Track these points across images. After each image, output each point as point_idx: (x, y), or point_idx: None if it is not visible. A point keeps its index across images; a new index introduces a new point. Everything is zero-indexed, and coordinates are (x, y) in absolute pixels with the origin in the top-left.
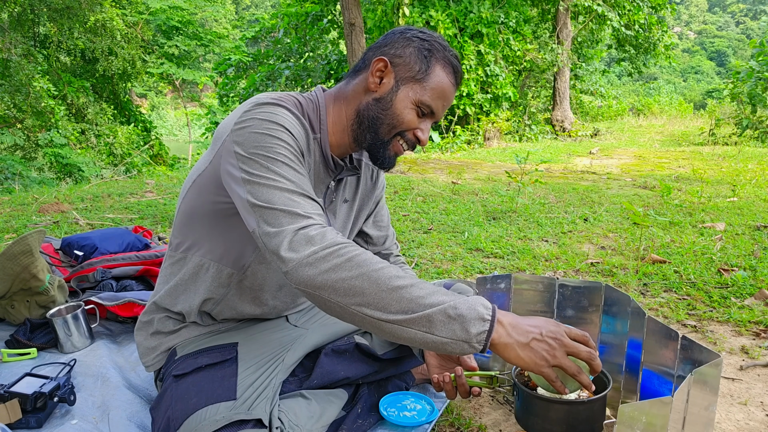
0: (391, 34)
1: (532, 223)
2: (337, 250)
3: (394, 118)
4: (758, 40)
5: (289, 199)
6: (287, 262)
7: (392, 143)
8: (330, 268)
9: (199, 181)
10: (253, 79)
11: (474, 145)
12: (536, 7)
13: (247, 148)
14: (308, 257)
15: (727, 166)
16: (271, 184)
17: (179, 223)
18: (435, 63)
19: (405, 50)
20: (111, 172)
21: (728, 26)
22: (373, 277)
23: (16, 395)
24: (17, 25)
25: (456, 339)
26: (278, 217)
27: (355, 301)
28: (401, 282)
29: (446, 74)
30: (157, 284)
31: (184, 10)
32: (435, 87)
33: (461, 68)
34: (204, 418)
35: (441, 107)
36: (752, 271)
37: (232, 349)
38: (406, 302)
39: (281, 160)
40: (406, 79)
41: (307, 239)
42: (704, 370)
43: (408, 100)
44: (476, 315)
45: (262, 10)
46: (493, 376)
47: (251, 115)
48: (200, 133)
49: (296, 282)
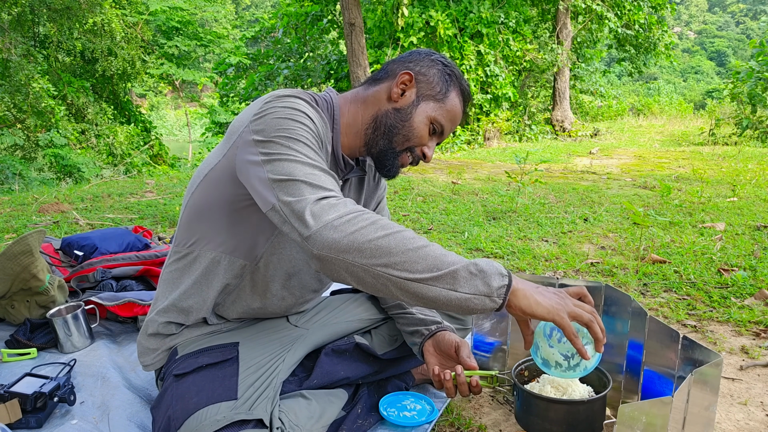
0: (417, 53)
1: (532, 223)
2: (361, 214)
3: (410, 130)
4: (758, 40)
5: (310, 173)
6: (310, 226)
7: (400, 156)
8: (356, 230)
9: (211, 175)
10: (252, 79)
11: (474, 145)
12: (536, 7)
13: (268, 133)
14: (333, 221)
15: (727, 166)
16: (291, 158)
17: (187, 219)
18: (453, 88)
19: (430, 70)
20: (111, 172)
21: (728, 26)
22: (398, 238)
23: (16, 395)
24: (17, 25)
25: (479, 294)
26: (299, 187)
27: (381, 261)
28: (423, 242)
29: (459, 101)
30: (160, 286)
31: (184, 11)
32: (450, 109)
33: (471, 98)
34: (205, 417)
35: (449, 129)
36: (752, 271)
37: (233, 349)
38: (432, 260)
39: (302, 141)
40: (426, 97)
41: (330, 206)
42: (704, 370)
43: (425, 115)
44: (496, 270)
45: (262, 10)
46: (493, 376)
47: (272, 105)
48: (200, 133)
49: (319, 246)
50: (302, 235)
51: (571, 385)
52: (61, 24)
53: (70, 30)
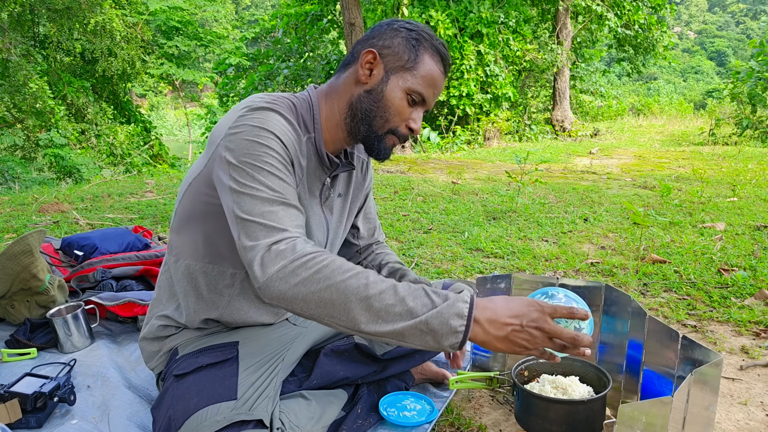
0: (378, 26)
1: (532, 223)
2: (306, 262)
3: (387, 110)
4: (758, 40)
5: (268, 211)
6: (258, 279)
7: (385, 138)
8: (299, 281)
9: (195, 184)
10: (252, 79)
11: (474, 145)
12: (536, 7)
13: (237, 155)
14: (278, 272)
15: (727, 166)
16: (253, 194)
17: (177, 226)
18: (423, 51)
19: (393, 41)
20: (111, 172)
21: (728, 26)
22: (341, 288)
23: (16, 395)
24: (17, 25)
25: (429, 347)
26: (255, 230)
27: (326, 312)
28: (371, 290)
29: (435, 62)
30: (157, 290)
31: (184, 11)
32: (425, 75)
33: (449, 56)
34: (205, 418)
35: (432, 95)
36: (752, 271)
37: (233, 349)
38: (375, 313)
39: (267, 169)
40: (395, 69)
41: (277, 254)
42: (704, 370)
43: (398, 89)
44: (449, 329)
45: (262, 10)
46: (493, 377)
47: (244, 120)
48: (200, 133)
49: (269, 297)
50: (255, 285)
51: (571, 385)
52: (61, 24)
53: (70, 30)
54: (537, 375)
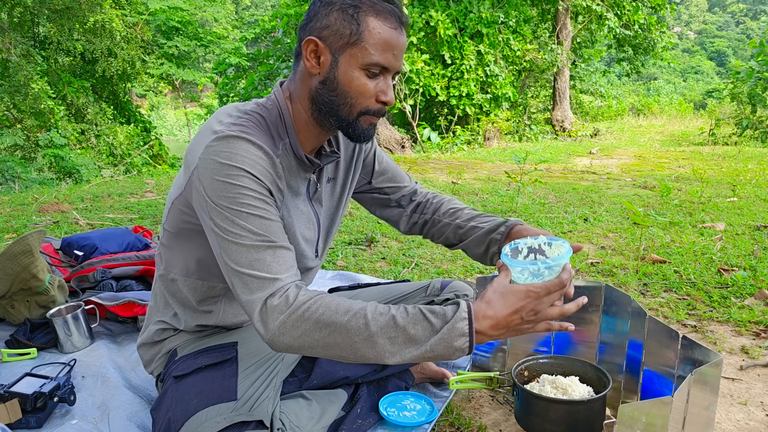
0: (312, 5)
1: (532, 223)
2: (302, 313)
3: (347, 95)
4: (758, 40)
5: (255, 260)
6: (263, 336)
7: (360, 120)
8: (301, 333)
9: (177, 204)
10: (252, 79)
11: (474, 145)
12: (536, 7)
13: (212, 196)
14: (279, 328)
15: (727, 166)
16: (238, 242)
17: (165, 240)
18: (365, 17)
19: (329, 18)
20: (111, 172)
21: (728, 26)
22: (343, 332)
23: (16, 395)
24: (17, 25)
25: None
26: (248, 282)
27: (334, 353)
28: (372, 328)
29: (383, 21)
30: (152, 297)
31: (184, 11)
32: (375, 42)
33: (400, 8)
34: (205, 419)
35: (393, 58)
36: (752, 271)
37: (232, 349)
38: (381, 348)
39: (246, 211)
40: (341, 48)
41: (273, 309)
42: (704, 370)
43: (351, 68)
44: (454, 350)
45: (262, 10)
46: (493, 377)
47: (212, 155)
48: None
49: (278, 350)
50: (262, 339)
51: (571, 385)
52: (61, 24)
53: (70, 30)
54: (537, 375)
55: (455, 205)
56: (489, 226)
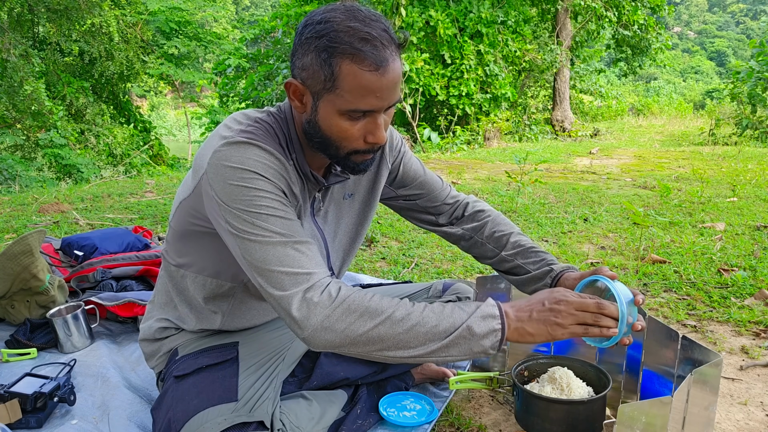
0: (295, 37)
1: (532, 223)
2: (348, 306)
3: (331, 138)
4: (758, 40)
5: (284, 255)
6: (303, 329)
7: (351, 157)
8: (346, 326)
9: (185, 206)
10: (251, 79)
11: (474, 145)
12: (536, 7)
13: (226, 200)
14: (323, 322)
15: (727, 166)
16: (260, 241)
17: (172, 238)
18: (340, 61)
19: (306, 59)
20: (110, 173)
21: (728, 26)
22: (387, 324)
23: (16, 395)
24: (16, 25)
25: (473, 353)
26: (279, 278)
27: (376, 347)
28: (414, 319)
29: (359, 65)
30: (155, 294)
31: (184, 11)
32: (351, 88)
33: (384, 43)
34: (205, 420)
35: (376, 100)
36: (752, 271)
37: (233, 349)
38: (423, 336)
39: (264, 213)
40: (320, 93)
41: (316, 304)
42: (704, 370)
43: (330, 115)
44: (488, 329)
45: (262, 9)
46: (493, 377)
47: (222, 160)
48: (200, 133)
49: (317, 346)
50: (298, 335)
51: (571, 385)
52: (60, 24)
53: (69, 31)
54: (537, 375)
55: (501, 228)
56: (536, 273)
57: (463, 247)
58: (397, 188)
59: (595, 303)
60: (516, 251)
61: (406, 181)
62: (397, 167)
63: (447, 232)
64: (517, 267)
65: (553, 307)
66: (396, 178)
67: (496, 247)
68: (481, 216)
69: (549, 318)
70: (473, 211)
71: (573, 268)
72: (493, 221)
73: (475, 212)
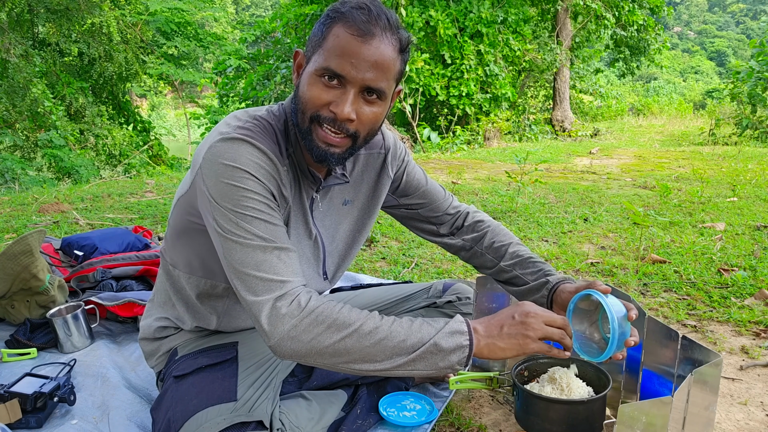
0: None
1: (532, 223)
2: (316, 318)
3: (301, 99)
4: (758, 40)
5: (261, 261)
6: (270, 338)
7: (313, 131)
8: (313, 337)
9: (183, 202)
10: (251, 79)
11: (474, 145)
12: (536, 7)
13: (216, 197)
14: (290, 332)
15: (727, 166)
16: (242, 242)
17: (170, 236)
18: (332, 24)
19: (314, 30)
20: (110, 173)
21: (728, 26)
22: (355, 336)
23: (16, 395)
24: (16, 25)
25: (440, 369)
26: (253, 283)
27: (342, 360)
28: (382, 332)
29: (346, 29)
30: (155, 293)
31: (184, 12)
32: (331, 47)
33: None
34: (205, 420)
35: (350, 66)
36: (752, 271)
37: (232, 349)
38: (390, 350)
39: (250, 215)
40: (310, 57)
41: (284, 313)
42: (704, 370)
43: (309, 75)
44: (455, 345)
45: (262, 10)
46: (493, 377)
47: (217, 155)
48: (200, 134)
49: (282, 354)
50: (266, 343)
51: (571, 385)
52: (60, 25)
53: (69, 31)
54: (537, 375)
55: (500, 239)
56: (533, 284)
57: (464, 257)
58: (399, 197)
59: (562, 319)
60: (514, 261)
61: (409, 191)
62: (400, 176)
63: (447, 243)
64: (515, 277)
65: (524, 320)
66: (399, 187)
67: (495, 258)
68: (480, 226)
69: (520, 332)
70: (473, 222)
71: (569, 280)
72: (492, 231)
73: (475, 222)
